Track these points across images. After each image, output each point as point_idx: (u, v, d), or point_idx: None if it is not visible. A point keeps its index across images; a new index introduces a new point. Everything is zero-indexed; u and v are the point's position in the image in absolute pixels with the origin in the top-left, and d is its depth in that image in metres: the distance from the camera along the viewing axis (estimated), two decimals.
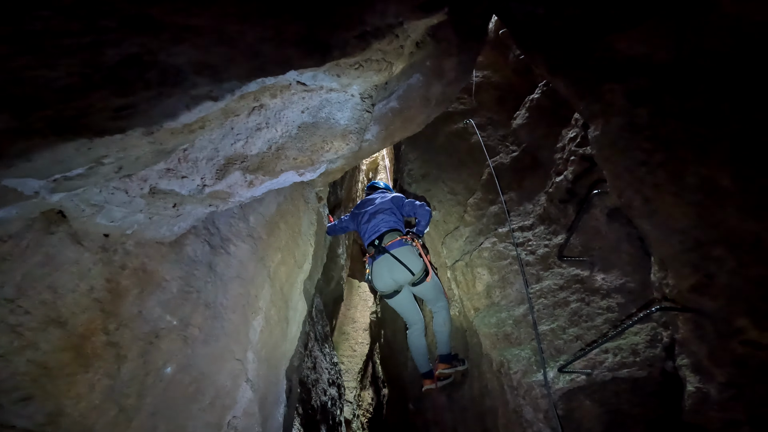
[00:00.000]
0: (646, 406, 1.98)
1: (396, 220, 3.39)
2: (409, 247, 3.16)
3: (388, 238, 3.22)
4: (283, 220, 2.35)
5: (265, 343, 1.95)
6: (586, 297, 2.39)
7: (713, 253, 1.75)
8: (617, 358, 2.11)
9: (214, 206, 1.78)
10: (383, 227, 3.32)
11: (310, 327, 2.91)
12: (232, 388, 1.71)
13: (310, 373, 2.67)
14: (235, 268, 1.85)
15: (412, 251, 3.15)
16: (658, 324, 2.11)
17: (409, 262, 3.10)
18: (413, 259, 3.12)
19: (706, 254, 1.76)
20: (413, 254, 3.14)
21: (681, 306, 1.82)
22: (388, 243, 3.18)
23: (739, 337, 1.63)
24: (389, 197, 3.56)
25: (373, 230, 3.36)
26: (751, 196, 1.68)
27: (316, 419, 2.54)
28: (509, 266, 2.80)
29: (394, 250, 3.13)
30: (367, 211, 3.51)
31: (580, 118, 3.07)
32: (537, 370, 2.25)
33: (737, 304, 1.65)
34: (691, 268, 1.79)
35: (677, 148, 1.91)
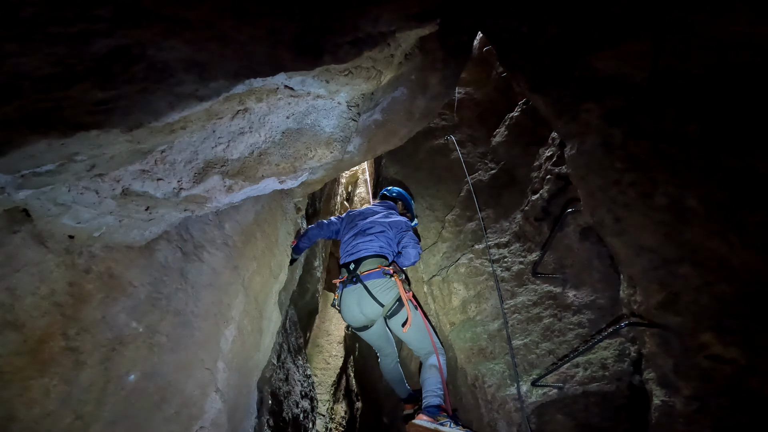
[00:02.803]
0: (614, 420, 2.01)
1: (385, 245, 2.93)
2: (386, 281, 2.72)
3: (367, 265, 2.79)
4: (260, 229, 2.31)
5: (237, 353, 1.90)
6: (558, 313, 2.43)
7: (679, 271, 1.81)
8: (587, 372, 2.14)
9: (189, 211, 1.73)
10: (366, 251, 2.88)
11: (284, 339, 2.85)
12: (200, 397, 1.65)
13: (283, 385, 2.61)
14: (207, 275, 1.80)
15: (388, 286, 2.71)
16: (626, 339, 2.16)
17: (381, 297, 2.69)
18: (387, 294, 2.70)
19: (672, 272, 1.82)
20: (389, 289, 2.71)
21: (648, 322, 1.87)
22: (364, 271, 2.75)
23: (704, 351, 1.68)
24: (390, 220, 3.09)
25: (353, 250, 2.93)
26: (716, 216, 1.75)
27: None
28: (485, 282, 2.83)
29: (368, 282, 2.71)
30: (358, 225, 3.09)
31: (557, 137, 3.15)
32: (511, 384, 2.27)
33: (702, 320, 1.71)
34: (658, 286, 1.85)
35: (648, 168, 1.98)
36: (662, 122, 2.03)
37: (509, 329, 2.46)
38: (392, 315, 2.76)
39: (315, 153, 1.92)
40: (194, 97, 1.24)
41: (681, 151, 1.93)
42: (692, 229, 1.80)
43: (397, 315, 2.75)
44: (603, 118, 2.21)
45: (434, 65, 2.75)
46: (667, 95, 2.07)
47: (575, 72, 2.40)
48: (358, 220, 3.14)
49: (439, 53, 2.72)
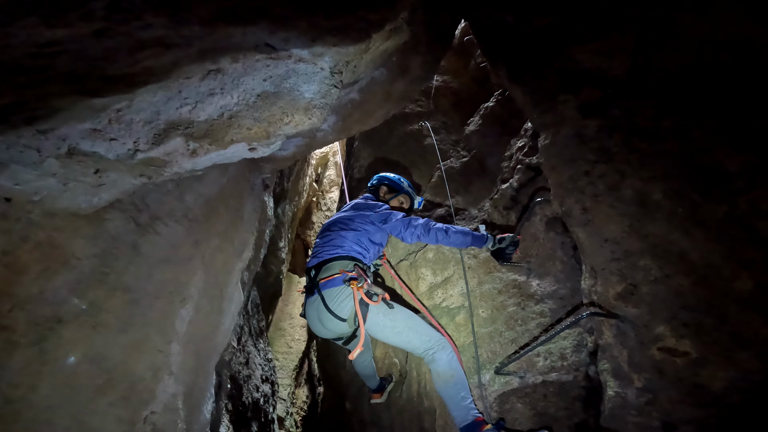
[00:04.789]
0: (570, 410, 2.06)
1: (352, 244, 2.47)
2: (341, 290, 2.25)
3: (327, 270, 2.34)
4: (224, 204, 2.18)
5: (194, 334, 1.80)
6: (522, 302, 2.45)
7: (640, 263, 1.86)
8: (547, 362, 2.18)
9: (145, 177, 1.59)
10: (326, 253, 2.43)
11: (245, 321, 2.74)
12: (151, 381, 1.55)
13: (243, 369, 2.52)
14: (164, 250, 1.68)
15: (344, 295, 2.24)
16: (585, 330, 2.20)
17: (338, 309, 2.24)
18: (343, 306, 2.24)
19: (633, 264, 1.87)
20: (344, 299, 2.24)
21: (607, 312, 1.91)
22: (323, 279, 2.31)
23: (658, 343, 1.74)
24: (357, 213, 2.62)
25: (316, 252, 2.52)
26: (680, 210, 1.80)
27: (246, 416, 2.40)
28: (452, 268, 2.82)
29: (325, 292, 2.27)
30: (330, 219, 2.71)
31: (529, 128, 3.17)
32: (474, 372, 2.28)
33: (658, 312, 1.76)
34: (618, 277, 1.90)
35: (618, 160, 2.02)
36: (636, 116, 2.07)
37: (474, 318, 2.46)
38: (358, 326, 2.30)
39: (292, 118, 1.80)
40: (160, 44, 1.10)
41: (651, 146, 1.97)
42: (656, 222, 1.84)
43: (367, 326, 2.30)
44: (578, 110, 2.24)
45: (417, 48, 2.69)
46: (643, 91, 2.11)
47: (556, 64, 2.42)
48: (336, 214, 2.76)
49: (423, 37, 2.67)
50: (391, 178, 3.03)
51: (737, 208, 1.69)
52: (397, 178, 3.03)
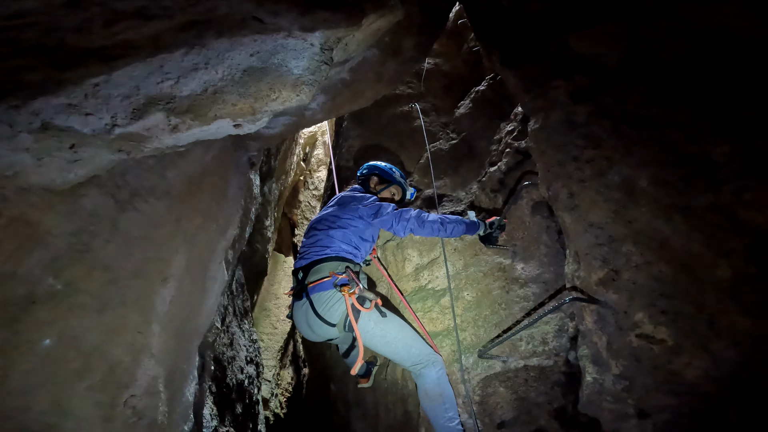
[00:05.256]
0: (549, 395, 2.10)
1: (341, 243, 2.33)
2: (331, 294, 2.16)
3: (316, 273, 2.23)
4: (208, 181, 2.12)
5: (176, 315, 1.76)
6: (506, 285, 2.47)
7: (622, 248, 1.89)
8: (529, 347, 2.21)
9: (124, 152, 1.53)
10: (315, 254, 2.30)
11: (229, 301, 2.70)
12: (131, 364, 1.52)
13: (227, 350, 2.50)
14: (144, 227, 1.63)
15: (333, 301, 2.15)
16: (566, 315, 2.23)
17: (327, 315, 2.15)
18: (334, 312, 2.15)
19: (616, 249, 1.90)
20: (335, 305, 2.15)
21: (589, 297, 1.94)
22: (312, 282, 2.20)
23: (636, 330, 1.77)
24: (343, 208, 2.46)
25: (303, 253, 2.38)
26: (665, 198, 1.82)
27: (231, 398, 2.39)
28: (439, 249, 2.81)
29: (314, 296, 2.17)
30: (317, 217, 2.57)
31: (519, 113, 3.16)
32: (458, 355, 2.30)
33: (637, 299, 1.79)
34: (601, 262, 1.93)
35: (606, 147, 2.03)
36: (626, 104, 2.07)
37: (459, 301, 2.48)
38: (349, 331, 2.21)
39: (279, 95, 1.73)
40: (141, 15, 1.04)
41: (639, 133, 1.98)
42: (640, 208, 1.86)
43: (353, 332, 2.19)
44: (570, 96, 2.24)
45: (410, 29, 2.64)
46: (636, 79, 2.11)
47: (550, 49, 2.41)
48: (321, 211, 2.59)
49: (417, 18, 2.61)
50: (381, 167, 2.85)
51: (721, 197, 1.71)
52: (388, 168, 2.86)
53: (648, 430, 1.69)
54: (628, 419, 1.78)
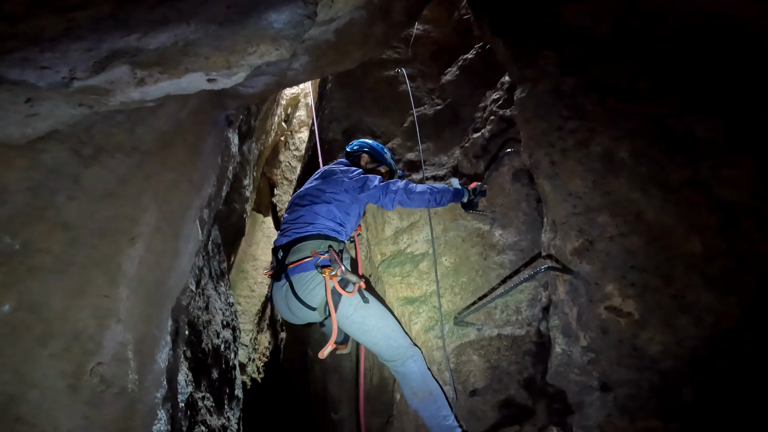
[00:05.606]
0: (520, 364, 2.15)
1: (326, 221, 2.23)
2: (312, 276, 2.05)
3: (297, 253, 2.12)
4: (183, 138, 2.01)
5: (146, 276, 1.68)
6: (484, 251, 2.49)
7: (598, 219, 1.90)
8: (503, 315, 2.25)
9: (86, 106, 1.42)
10: (296, 232, 2.18)
11: (205, 262, 2.62)
12: (96, 330, 1.45)
13: (202, 314, 2.45)
14: (110, 184, 1.53)
15: (314, 283, 2.05)
16: (540, 284, 2.27)
17: (308, 298, 2.05)
18: (310, 292, 2.05)
19: (592, 220, 1.92)
20: (315, 288, 2.05)
21: (563, 267, 1.96)
22: (292, 262, 2.10)
23: (605, 302, 1.80)
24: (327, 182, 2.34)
25: (284, 230, 2.27)
26: (644, 170, 1.83)
27: (206, 363, 2.36)
28: (419, 213, 2.81)
29: (294, 278, 2.07)
30: (300, 191, 2.42)
31: (506, 82, 3.13)
32: (435, 323, 2.33)
33: (609, 270, 1.82)
34: (577, 232, 1.95)
35: (591, 118, 2.03)
36: (614, 78, 2.06)
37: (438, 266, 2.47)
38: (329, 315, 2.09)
39: (257, 48, 1.59)
40: None
41: (625, 106, 1.98)
42: (619, 180, 1.88)
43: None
44: (558, 67, 2.22)
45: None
46: (625, 53, 2.08)
47: (542, 20, 2.36)
48: (303, 187, 2.45)
49: None
50: (374, 146, 2.74)
51: (699, 172, 1.73)
52: (380, 148, 2.76)
53: (609, 404, 1.76)
54: (591, 392, 1.84)
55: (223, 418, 2.43)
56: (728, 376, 1.55)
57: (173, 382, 1.88)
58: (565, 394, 1.97)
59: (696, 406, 1.58)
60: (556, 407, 2.01)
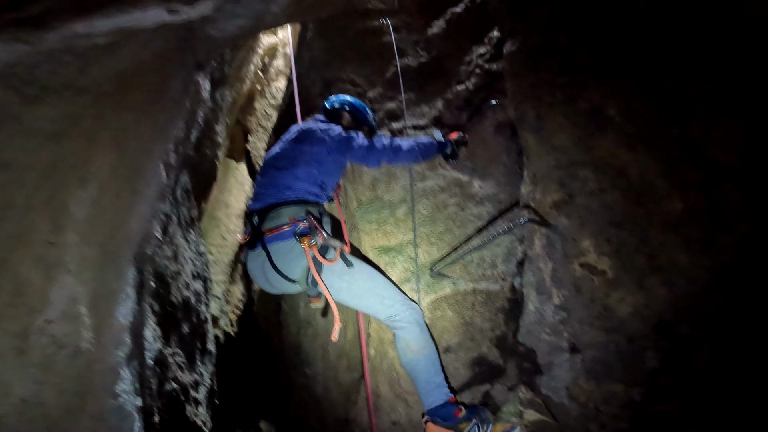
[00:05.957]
0: (493, 321, 2.18)
1: (306, 184, 2.06)
2: (290, 245, 1.92)
3: (273, 219, 1.98)
4: (145, 79, 1.82)
5: (99, 221, 1.50)
6: (462, 202, 2.46)
7: (580, 173, 1.88)
8: (480, 269, 2.25)
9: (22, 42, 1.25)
10: (274, 195, 2.04)
11: (172, 209, 2.44)
12: (42, 283, 1.30)
13: (170, 264, 2.33)
14: (58, 123, 1.37)
15: (294, 254, 1.92)
16: (517, 238, 2.26)
17: (287, 269, 1.94)
18: (290, 264, 1.93)
19: (574, 174, 1.90)
20: (295, 258, 1.92)
21: (542, 220, 1.96)
22: (268, 231, 1.96)
23: (581, 258, 1.82)
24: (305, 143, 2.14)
25: (259, 194, 2.12)
26: (632, 127, 1.80)
27: (176, 317, 2.27)
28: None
29: (271, 247, 1.94)
30: (275, 152, 2.25)
31: (494, 37, 3.05)
32: (410, 274, 2.31)
33: (587, 225, 1.82)
34: (557, 185, 1.93)
35: (581, 73, 1.99)
36: (613, 36, 1.98)
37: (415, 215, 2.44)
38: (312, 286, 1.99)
39: None
40: None
41: (618, 64, 1.93)
42: (605, 136, 1.84)
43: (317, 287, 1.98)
44: (553, 21, 2.15)
45: None
46: (625, 10, 1.99)
47: None
48: (275, 147, 2.27)
49: None
50: (355, 105, 2.53)
51: (689, 131, 1.70)
52: (362, 107, 2.56)
53: (577, 366, 1.81)
54: (561, 353, 1.88)
55: (196, 374, 2.39)
56: (690, 343, 1.59)
57: (139, 339, 1.78)
58: (536, 354, 2.02)
59: (657, 373, 1.62)
60: (526, 367, 2.06)
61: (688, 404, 1.55)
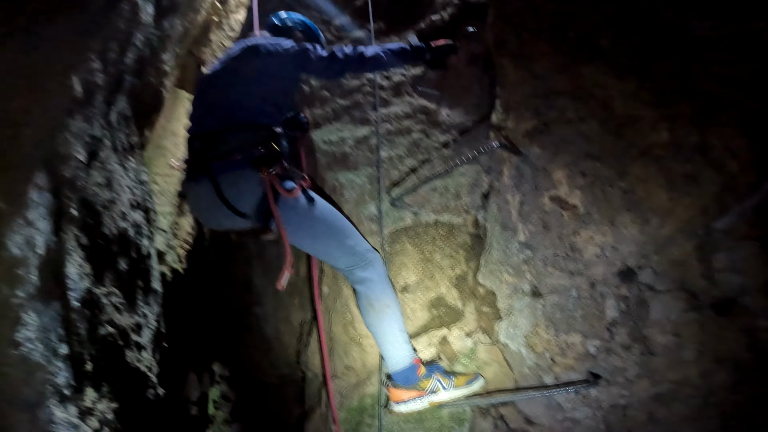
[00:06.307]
0: (453, 259, 2.09)
1: (259, 104, 1.77)
2: (242, 174, 1.67)
3: (222, 145, 1.70)
4: None
5: None
6: (427, 129, 2.35)
7: (558, 102, 1.77)
8: (442, 200, 2.15)
9: None
10: (220, 119, 1.75)
11: (105, 132, 2.15)
12: None
13: (102, 192, 2.04)
14: None
15: (245, 180, 1.67)
16: (483, 168, 2.16)
17: (235, 200, 1.67)
18: (243, 196, 1.68)
19: (551, 102, 1.79)
20: (247, 186, 1.67)
21: (514, 147, 1.86)
22: (216, 159, 1.69)
23: (551, 191, 1.74)
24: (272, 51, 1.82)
25: (201, 117, 1.85)
26: (623, 59, 1.65)
27: (111, 251, 2.01)
28: (360, 89, 2.58)
29: (220, 176, 1.67)
30: (213, 69, 1.95)
31: None
32: (369, 201, 2.18)
33: (561, 155, 1.73)
34: (533, 113, 1.83)
35: (574, 3, 1.82)
36: None
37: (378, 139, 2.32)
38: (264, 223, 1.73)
39: None
40: None
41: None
42: (592, 65, 1.71)
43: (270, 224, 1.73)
44: None
45: None
46: None
47: None
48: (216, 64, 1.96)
49: None
50: (310, 27, 2.23)
51: (687, 66, 1.56)
52: (315, 28, 2.27)
53: (538, 312, 1.75)
54: (522, 297, 1.82)
55: (138, 316, 2.19)
56: (649, 293, 1.54)
57: (59, 276, 1.54)
58: (495, 297, 1.95)
59: (615, 325, 1.58)
60: (485, 311, 2.00)
61: (640, 361, 1.52)
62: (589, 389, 1.56)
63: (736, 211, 1.39)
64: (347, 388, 2.19)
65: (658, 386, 1.50)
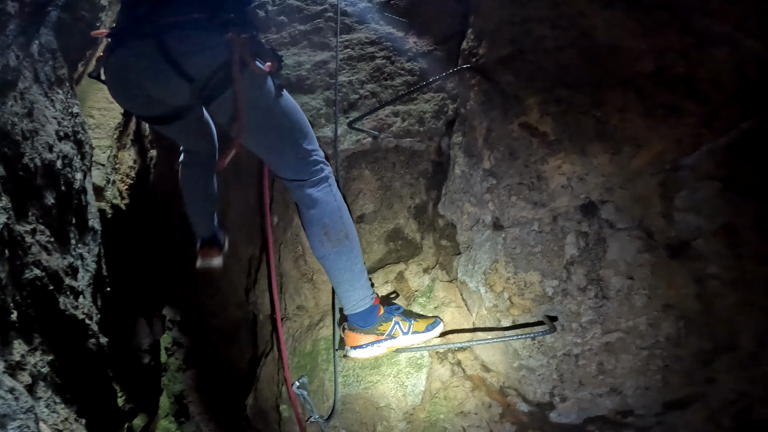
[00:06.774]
0: (414, 187, 1.96)
1: None
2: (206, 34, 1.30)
3: (183, 5, 1.29)
4: None
5: None
6: (393, 56, 2.17)
7: (536, 30, 1.66)
8: (404, 124, 1.98)
9: None
10: None
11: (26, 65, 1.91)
12: None
13: (22, 122, 1.80)
14: None
15: (207, 42, 1.29)
16: (449, 96, 2.03)
17: (188, 60, 1.29)
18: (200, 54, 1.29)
19: (528, 30, 1.68)
20: (208, 45, 1.29)
21: (483, 72, 1.76)
22: (170, 17, 1.28)
23: (521, 118, 1.63)
24: None
25: None
26: None
27: (34, 184, 1.80)
28: (322, 14, 2.33)
29: (172, 33, 1.28)
30: None
31: None
32: (325, 124, 2.00)
33: (535, 82, 1.62)
34: (508, 40, 1.72)
35: None
36: None
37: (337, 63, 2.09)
38: (212, 97, 1.35)
39: None
40: None
41: None
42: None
43: (220, 98, 1.35)
44: None
45: None
46: None
47: None
48: None
49: None
50: None
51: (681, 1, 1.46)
52: None
53: (498, 246, 1.66)
54: (483, 230, 1.73)
55: (72, 257, 2.00)
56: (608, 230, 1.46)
57: None
58: (455, 229, 1.85)
59: (573, 264, 1.50)
60: (444, 245, 1.91)
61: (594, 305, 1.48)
62: (545, 335, 1.50)
63: (707, 148, 1.33)
64: (299, 330, 2.02)
65: (609, 335, 1.47)
